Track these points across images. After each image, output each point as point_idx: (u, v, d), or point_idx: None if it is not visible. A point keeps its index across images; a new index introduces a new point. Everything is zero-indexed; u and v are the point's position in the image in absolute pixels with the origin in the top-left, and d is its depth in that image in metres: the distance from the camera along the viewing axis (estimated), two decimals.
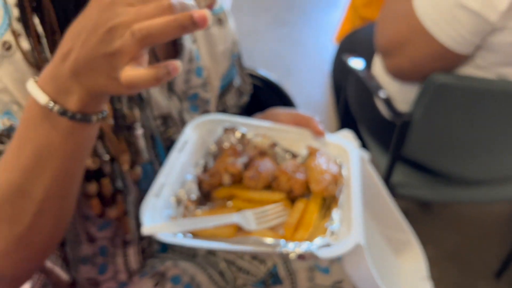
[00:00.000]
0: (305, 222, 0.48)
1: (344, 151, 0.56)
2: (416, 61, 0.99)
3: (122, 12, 0.36)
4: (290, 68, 2.56)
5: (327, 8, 3.39)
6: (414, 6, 0.95)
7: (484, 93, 0.94)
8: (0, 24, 0.50)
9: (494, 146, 1.06)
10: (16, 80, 0.50)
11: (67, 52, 0.39)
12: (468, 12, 0.87)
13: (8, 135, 0.50)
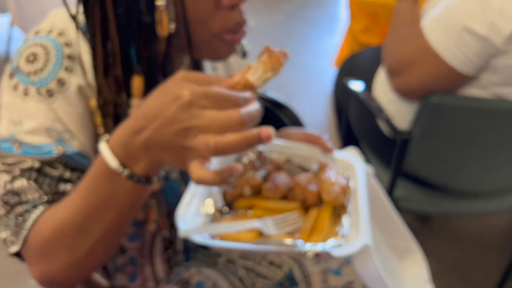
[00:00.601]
0: (318, 228, 0.54)
1: (351, 166, 0.62)
2: (424, 80, 1.04)
3: (198, 115, 0.41)
4: (292, 92, 2.63)
5: (325, 34, 3.50)
6: (423, 29, 1.01)
7: (478, 112, 1.00)
8: (54, 62, 0.56)
9: (490, 161, 1.12)
10: (68, 111, 0.57)
11: (141, 129, 0.44)
12: (475, 36, 0.93)
13: (61, 161, 0.56)
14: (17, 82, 0.56)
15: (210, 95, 0.42)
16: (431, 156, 1.13)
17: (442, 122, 1.04)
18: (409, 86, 1.07)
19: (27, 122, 0.56)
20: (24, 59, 0.56)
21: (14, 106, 0.56)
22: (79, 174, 0.58)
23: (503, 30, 0.90)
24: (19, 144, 0.56)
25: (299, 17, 3.81)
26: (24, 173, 0.55)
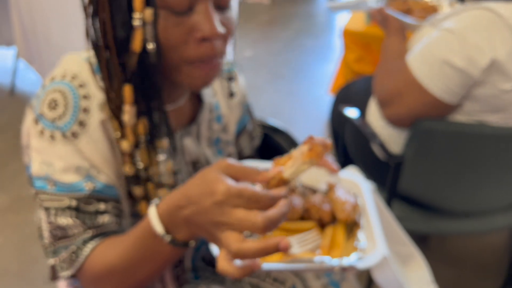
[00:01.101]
0: (336, 243, 0.60)
1: (355, 184, 0.69)
2: (412, 110, 1.10)
3: (228, 213, 0.47)
4: (289, 119, 2.71)
5: (320, 63, 3.61)
6: (408, 63, 1.09)
7: (463, 136, 1.07)
8: (73, 105, 0.62)
9: (479, 182, 1.18)
10: (92, 148, 0.63)
11: (183, 206, 0.50)
12: (455, 69, 1.01)
13: (93, 196, 0.63)
14: (42, 127, 0.62)
15: (244, 195, 0.47)
16: (424, 178, 1.19)
17: (432, 146, 1.11)
18: (399, 116, 1.14)
19: (57, 163, 0.62)
20: (47, 106, 0.62)
21: (43, 150, 0.63)
22: (112, 203, 0.65)
23: (479, 63, 0.98)
24: (53, 183, 0.62)
25: (296, 46, 3.93)
26: (64, 211, 0.62)
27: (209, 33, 0.58)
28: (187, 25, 0.58)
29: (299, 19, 4.72)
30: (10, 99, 2.92)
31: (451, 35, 1.01)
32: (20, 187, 2.07)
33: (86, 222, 0.63)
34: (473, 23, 1.00)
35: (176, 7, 0.57)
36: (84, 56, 0.66)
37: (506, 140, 1.06)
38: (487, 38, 0.97)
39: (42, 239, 0.69)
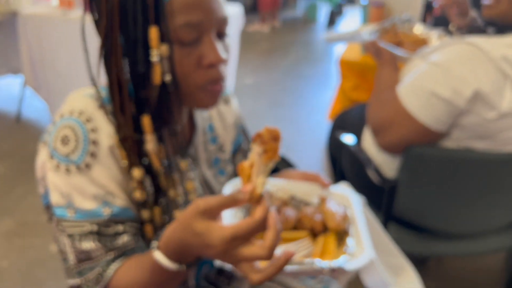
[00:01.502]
0: (327, 250, 0.65)
1: (346, 197, 0.75)
2: (403, 137, 1.16)
3: (234, 256, 0.54)
4: (288, 144, 2.77)
5: (319, 90, 3.70)
6: (399, 94, 1.16)
7: (453, 162, 1.12)
8: (83, 139, 0.68)
9: (469, 205, 1.23)
10: (105, 175, 0.68)
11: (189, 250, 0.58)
12: (441, 99, 1.07)
13: (111, 220, 0.69)
14: (58, 162, 0.68)
15: (239, 236, 0.52)
16: (417, 201, 1.24)
17: (424, 171, 1.16)
18: (391, 143, 1.20)
19: (75, 193, 0.68)
20: (59, 142, 0.67)
21: (61, 182, 0.68)
22: (129, 223, 0.71)
23: (463, 94, 1.04)
24: (74, 211, 0.68)
25: (294, 74, 4.03)
26: (87, 236, 0.67)
27: (215, 60, 0.66)
28: (196, 55, 0.66)
29: (297, 47, 4.85)
30: (16, 126, 2.99)
31: (437, 68, 1.08)
32: (25, 212, 2.12)
33: (107, 245, 0.68)
34: (457, 57, 1.07)
35: (186, 40, 0.65)
36: (87, 93, 0.72)
37: (492, 165, 1.11)
38: (470, 70, 1.04)
39: (66, 262, 0.74)
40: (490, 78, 1.03)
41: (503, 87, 1.03)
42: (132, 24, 0.63)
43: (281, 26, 5.70)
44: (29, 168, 2.47)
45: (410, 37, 1.50)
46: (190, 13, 0.63)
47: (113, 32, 0.65)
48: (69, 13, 2.52)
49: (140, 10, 0.62)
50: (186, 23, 0.64)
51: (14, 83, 3.60)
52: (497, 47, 1.04)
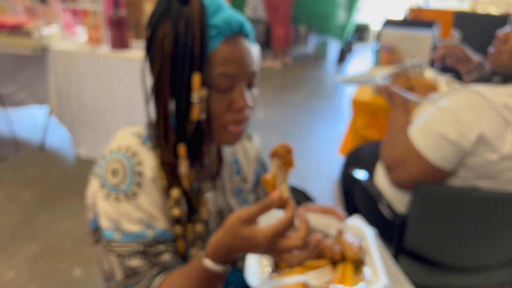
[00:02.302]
0: (346, 278, 0.74)
1: (360, 229, 0.84)
2: (413, 175, 1.25)
3: (278, 248, 0.65)
4: (301, 177, 2.85)
5: (328, 125, 3.80)
6: (409, 134, 1.26)
7: (459, 199, 1.21)
8: (130, 171, 0.78)
9: (476, 240, 1.30)
10: (149, 202, 0.79)
11: (234, 252, 0.69)
12: (448, 141, 1.17)
13: (155, 240, 0.79)
14: (108, 192, 0.78)
15: (278, 232, 0.65)
16: (426, 235, 1.32)
17: (432, 207, 1.25)
18: (402, 180, 1.29)
19: (123, 218, 0.78)
20: (110, 174, 0.78)
21: (110, 208, 0.79)
22: (169, 243, 0.81)
23: (469, 137, 1.14)
24: (121, 233, 0.78)
25: (306, 109, 4.15)
26: (134, 255, 0.78)
27: (243, 106, 0.78)
28: (227, 100, 0.78)
29: (309, 83, 5.00)
30: (40, 155, 3.12)
31: (445, 112, 1.19)
32: (50, 238, 2.21)
33: (152, 261, 0.78)
34: (463, 103, 1.18)
35: (221, 88, 0.77)
36: (132, 131, 0.83)
37: (496, 203, 1.20)
38: (475, 116, 1.14)
39: (111, 279, 0.83)
40: (493, 123, 1.13)
41: (505, 132, 1.13)
42: (180, 70, 0.75)
43: (292, 62, 5.88)
44: (52, 195, 2.58)
45: (421, 82, 1.61)
46: (227, 66, 0.76)
47: (164, 76, 0.77)
48: (97, 49, 2.69)
49: (188, 59, 0.75)
50: (223, 74, 0.76)
51: (38, 113, 3.77)
52: (500, 96, 1.14)
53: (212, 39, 0.75)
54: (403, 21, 2.79)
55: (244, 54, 0.78)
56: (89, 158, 2.95)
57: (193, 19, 0.73)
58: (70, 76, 2.82)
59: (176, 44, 0.75)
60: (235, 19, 0.77)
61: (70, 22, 3.00)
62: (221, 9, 0.77)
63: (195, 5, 0.74)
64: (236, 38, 0.77)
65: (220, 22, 0.75)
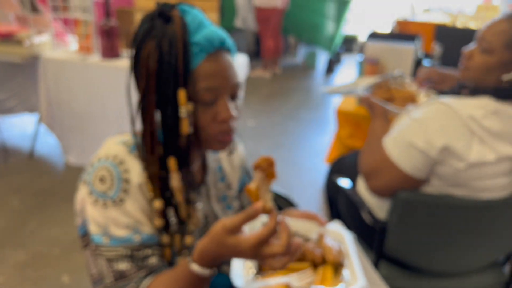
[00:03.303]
0: (326, 279, 0.77)
1: (339, 234, 0.88)
2: (388, 184, 1.31)
3: (261, 255, 0.69)
4: (288, 184, 2.89)
5: (316, 134, 3.86)
6: (384, 144, 1.32)
7: (435, 206, 1.26)
8: (117, 178, 0.82)
9: (453, 246, 1.35)
10: (136, 207, 0.82)
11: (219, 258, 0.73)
12: (417, 150, 1.23)
13: (142, 244, 0.82)
14: (96, 198, 0.82)
15: (261, 240, 0.69)
16: (405, 241, 1.36)
17: (411, 214, 1.29)
18: (378, 188, 1.35)
19: (110, 224, 0.81)
20: (98, 181, 0.81)
21: (98, 214, 0.82)
22: (156, 247, 0.84)
23: (435, 145, 1.20)
24: (109, 238, 0.81)
25: (294, 118, 4.21)
26: (122, 258, 0.81)
27: (227, 117, 0.81)
28: (212, 112, 0.82)
29: (298, 93, 5.07)
30: (29, 162, 3.13)
31: (415, 122, 1.25)
32: (38, 245, 2.22)
33: (139, 265, 0.82)
34: (432, 114, 1.24)
35: (205, 101, 0.81)
36: (120, 140, 0.87)
37: (470, 211, 1.25)
38: (441, 126, 1.20)
39: (102, 281, 0.86)
40: (459, 133, 1.18)
41: (471, 142, 1.18)
42: (166, 87, 0.79)
43: (282, 72, 5.96)
44: (41, 202, 2.59)
45: (401, 93, 1.67)
46: (210, 80, 0.80)
47: (150, 92, 0.80)
48: (87, 58, 2.71)
49: (172, 76, 0.78)
50: (207, 88, 0.80)
51: (28, 121, 3.77)
52: (465, 108, 1.20)
53: (195, 56, 0.78)
54: (387, 34, 2.87)
55: (226, 68, 0.81)
56: (78, 166, 2.96)
57: (176, 38, 0.76)
58: (61, 84, 2.84)
59: (160, 62, 0.77)
60: (216, 36, 0.80)
61: (61, 31, 3.03)
62: (202, 26, 0.80)
63: (177, 24, 0.77)
64: (218, 54, 0.81)
65: (202, 40, 0.78)
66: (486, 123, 1.18)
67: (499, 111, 1.20)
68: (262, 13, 5.45)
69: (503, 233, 1.34)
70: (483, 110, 1.19)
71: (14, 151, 3.26)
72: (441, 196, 1.25)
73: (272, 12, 5.44)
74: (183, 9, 0.81)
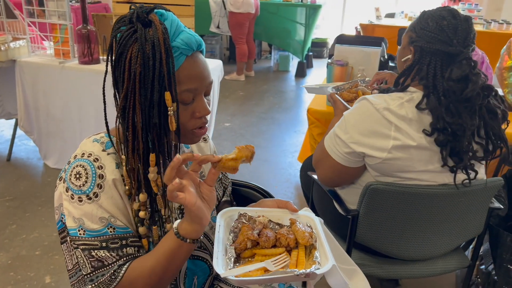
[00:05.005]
0: (300, 261, 0.80)
1: (310, 219, 0.91)
2: (327, 173, 1.40)
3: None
4: (264, 182, 2.93)
5: (289, 134, 3.91)
6: (324, 139, 1.39)
7: (401, 194, 1.30)
8: (91, 174, 0.83)
9: (418, 232, 1.40)
10: (109, 203, 0.84)
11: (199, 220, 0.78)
12: (341, 140, 1.30)
13: (116, 236, 0.83)
14: (72, 193, 0.83)
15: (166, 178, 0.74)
16: (375, 229, 1.40)
17: (379, 202, 1.33)
18: (322, 177, 1.44)
19: (85, 218, 0.83)
20: (73, 177, 0.83)
21: (73, 209, 0.83)
22: (131, 239, 0.85)
23: (353, 137, 1.27)
24: (84, 231, 0.82)
25: (268, 119, 4.25)
26: (98, 249, 0.82)
27: (204, 113, 0.87)
28: (191, 110, 0.86)
29: (270, 95, 5.11)
30: (7, 166, 3.05)
31: (343, 118, 1.33)
32: (18, 248, 2.17)
33: (118, 253, 0.83)
34: (355, 109, 1.31)
35: (186, 101, 0.84)
36: (95, 138, 0.88)
37: (432, 198, 1.30)
38: (360, 119, 1.27)
39: (77, 275, 0.88)
40: (375, 125, 1.24)
41: (389, 131, 1.23)
42: (150, 89, 0.79)
43: (255, 75, 6.00)
44: (20, 205, 2.53)
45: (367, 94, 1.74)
46: (190, 82, 0.83)
47: (134, 94, 0.80)
48: (64, 62, 2.67)
49: (157, 79, 0.79)
50: (188, 89, 0.83)
51: (6, 125, 3.67)
52: (384, 101, 1.26)
53: (175, 59, 0.80)
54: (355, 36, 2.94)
55: (203, 69, 0.85)
56: (57, 170, 2.91)
57: (159, 42, 0.78)
58: (38, 89, 2.78)
59: (144, 66, 0.78)
60: (193, 39, 0.83)
61: (37, 36, 2.97)
62: (179, 30, 0.82)
63: (158, 29, 0.78)
64: (194, 56, 0.84)
65: (181, 43, 0.81)
66: (401, 111, 1.23)
67: (414, 98, 1.26)
68: (235, 18, 5.48)
69: (464, 219, 1.41)
70: (399, 100, 1.26)
71: None
72: (405, 185, 1.30)
73: (246, 17, 5.47)
74: (160, 13, 0.82)
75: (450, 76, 1.20)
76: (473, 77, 1.21)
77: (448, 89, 1.21)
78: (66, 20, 2.62)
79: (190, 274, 1.02)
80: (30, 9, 2.70)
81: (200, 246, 1.04)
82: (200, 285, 1.07)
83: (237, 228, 0.88)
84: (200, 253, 1.04)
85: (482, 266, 1.74)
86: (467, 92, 1.19)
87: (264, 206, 0.98)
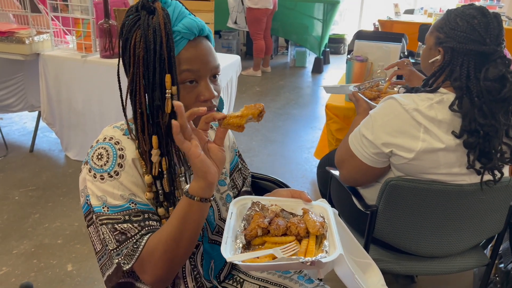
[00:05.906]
0: (309, 250, 0.80)
1: (324, 209, 0.91)
2: (351, 173, 1.39)
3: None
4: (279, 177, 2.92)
5: (306, 130, 3.90)
6: (349, 137, 1.37)
7: (421, 190, 1.30)
8: (112, 155, 0.86)
9: (437, 229, 1.39)
10: (130, 181, 0.87)
11: (203, 174, 0.78)
12: (368, 141, 1.28)
13: (138, 210, 0.86)
14: (94, 173, 0.86)
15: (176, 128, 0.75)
16: (394, 224, 1.40)
17: (399, 198, 1.33)
18: (345, 177, 1.43)
19: (107, 195, 0.86)
20: (96, 158, 0.87)
21: (97, 188, 0.86)
22: (151, 214, 0.88)
23: (382, 138, 1.25)
24: (107, 208, 0.85)
25: (284, 115, 4.24)
26: (122, 222, 0.85)
27: (209, 97, 0.87)
28: (195, 93, 0.88)
29: (287, 91, 5.10)
30: (30, 157, 3.12)
31: (369, 117, 1.31)
32: (42, 236, 2.22)
33: (140, 224, 0.86)
34: (382, 108, 1.28)
35: (186, 80, 0.86)
36: (114, 125, 0.93)
37: (453, 196, 1.29)
38: (389, 119, 1.24)
39: (105, 254, 0.89)
40: (404, 126, 1.22)
41: (417, 132, 1.22)
42: (152, 72, 0.83)
43: (272, 71, 5.99)
44: (42, 195, 2.59)
45: (388, 93, 1.72)
46: (191, 64, 0.86)
47: (137, 77, 0.85)
48: (86, 56, 2.71)
49: (158, 62, 0.83)
50: (188, 69, 0.85)
51: (29, 117, 3.75)
52: (412, 101, 1.23)
53: (176, 43, 0.84)
54: (374, 32, 2.91)
55: (206, 53, 0.87)
56: (78, 161, 2.96)
57: (160, 27, 0.82)
58: (60, 82, 2.83)
59: (146, 50, 0.82)
60: (195, 24, 0.85)
61: (60, 30, 3.02)
62: (182, 15, 0.86)
63: (160, 15, 0.82)
64: (197, 41, 0.87)
65: (182, 28, 0.84)
66: (430, 113, 1.21)
67: (444, 99, 1.23)
68: (253, 14, 5.47)
69: (484, 217, 1.39)
70: (429, 101, 1.23)
71: (15, 147, 3.25)
72: (426, 182, 1.29)
73: (264, 12, 5.46)
74: (164, 1, 0.86)
75: (486, 76, 1.17)
76: (509, 75, 1.17)
77: (484, 90, 1.17)
78: (89, 14, 2.66)
79: (207, 257, 1.04)
80: (54, 4, 2.74)
81: (218, 230, 1.06)
82: (218, 270, 1.09)
83: (250, 216, 0.90)
84: (218, 237, 1.06)
85: (501, 264, 1.72)
86: (505, 92, 1.16)
87: (278, 195, 0.99)
